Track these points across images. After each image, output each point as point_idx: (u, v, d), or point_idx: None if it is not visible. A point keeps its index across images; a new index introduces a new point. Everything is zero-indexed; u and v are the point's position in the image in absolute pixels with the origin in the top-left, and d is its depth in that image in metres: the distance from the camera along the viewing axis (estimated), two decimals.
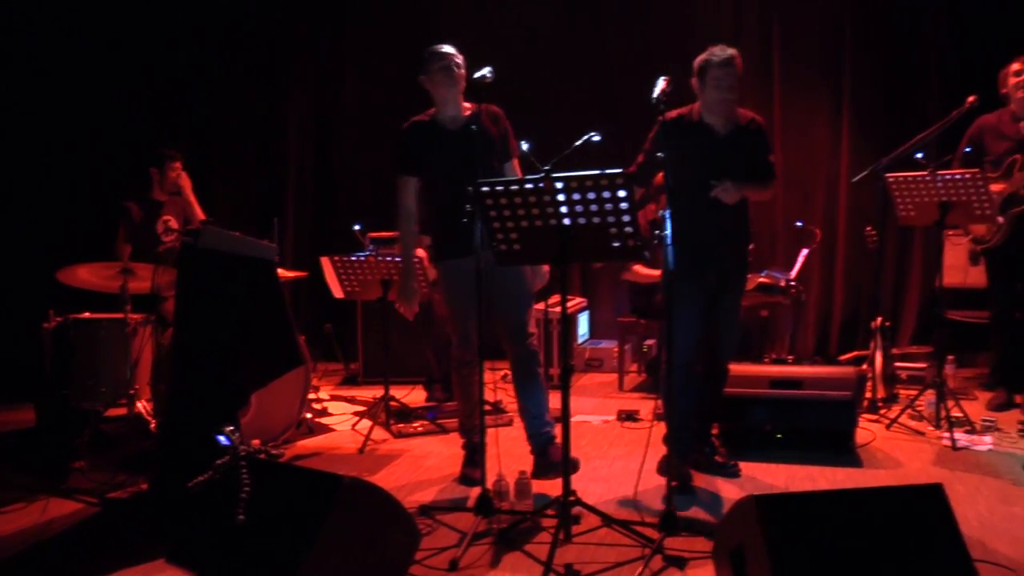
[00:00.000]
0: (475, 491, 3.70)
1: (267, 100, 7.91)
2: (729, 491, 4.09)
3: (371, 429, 5.08)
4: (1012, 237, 5.36)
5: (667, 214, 3.34)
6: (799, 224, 6.48)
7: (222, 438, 3.29)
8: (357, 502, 2.96)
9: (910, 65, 7.00)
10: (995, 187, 5.23)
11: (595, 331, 7.56)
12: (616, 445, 4.98)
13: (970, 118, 5.38)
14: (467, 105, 4.28)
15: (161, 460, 3.95)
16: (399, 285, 4.48)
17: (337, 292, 5.61)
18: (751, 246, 4.37)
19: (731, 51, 4.04)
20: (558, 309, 4.14)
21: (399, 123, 4.58)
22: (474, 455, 4.29)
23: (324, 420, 5.64)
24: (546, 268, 4.43)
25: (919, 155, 5.16)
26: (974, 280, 6.08)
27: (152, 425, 4.77)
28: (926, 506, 2.82)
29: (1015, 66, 5.32)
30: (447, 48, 4.21)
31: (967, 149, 5.39)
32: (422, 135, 4.26)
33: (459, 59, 4.20)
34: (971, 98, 5.18)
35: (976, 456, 4.60)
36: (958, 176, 4.81)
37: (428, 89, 4.24)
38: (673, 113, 4.07)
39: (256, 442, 4.12)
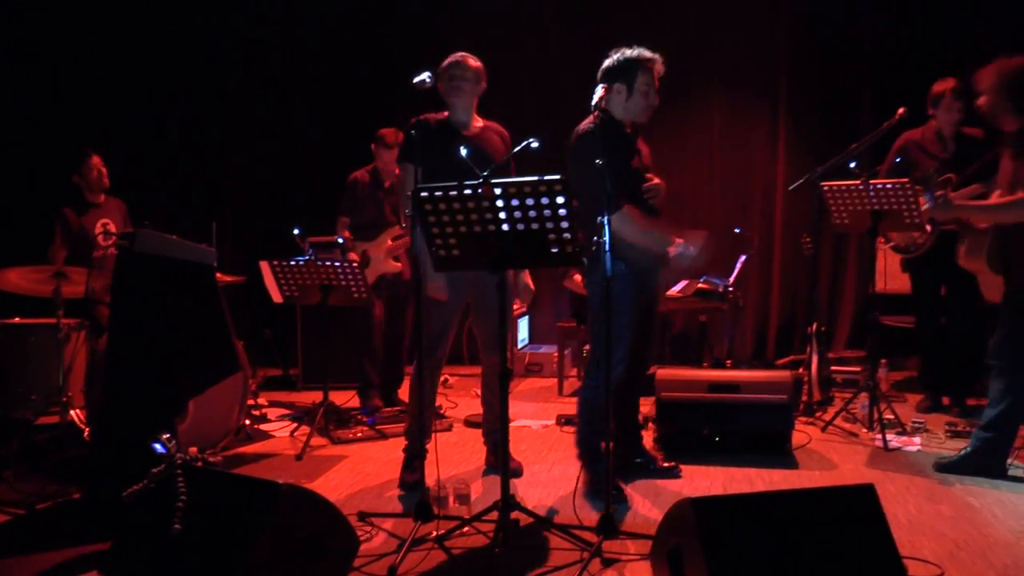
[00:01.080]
0: (415, 497, 3.70)
1: (206, 103, 7.81)
2: (668, 494, 4.13)
3: (310, 435, 5.04)
4: (935, 245, 5.50)
5: (605, 220, 3.36)
6: (737, 231, 6.58)
7: (158, 446, 3.23)
8: (295, 509, 2.93)
9: (844, 78, 7.16)
10: (924, 203, 5.32)
11: (535, 336, 7.59)
12: (555, 449, 5.00)
13: (901, 129, 5.51)
14: (478, 119, 4.38)
15: (94, 469, 3.86)
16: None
17: (276, 297, 5.55)
18: None
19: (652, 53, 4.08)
20: None
21: (340, 128, 4.59)
22: (413, 460, 4.28)
23: (263, 426, 5.58)
24: (531, 286, 4.49)
25: (852, 165, 5.28)
26: (905, 286, 6.22)
27: (85, 433, 4.67)
28: (858, 506, 2.89)
29: (943, 88, 5.42)
30: (461, 58, 4.29)
31: (897, 160, 5.52)
32: (426, 131, 4.26)
33: (471, 69, 4.28)
34: (901, 110, 5.32)
35: (906, 456, 4.72)
36: (888, 185, 4.93)
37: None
38: (588, 129, 3.97)
39: (193, 450, 4.02)
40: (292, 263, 5.26)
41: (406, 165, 4.31)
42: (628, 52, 4.07)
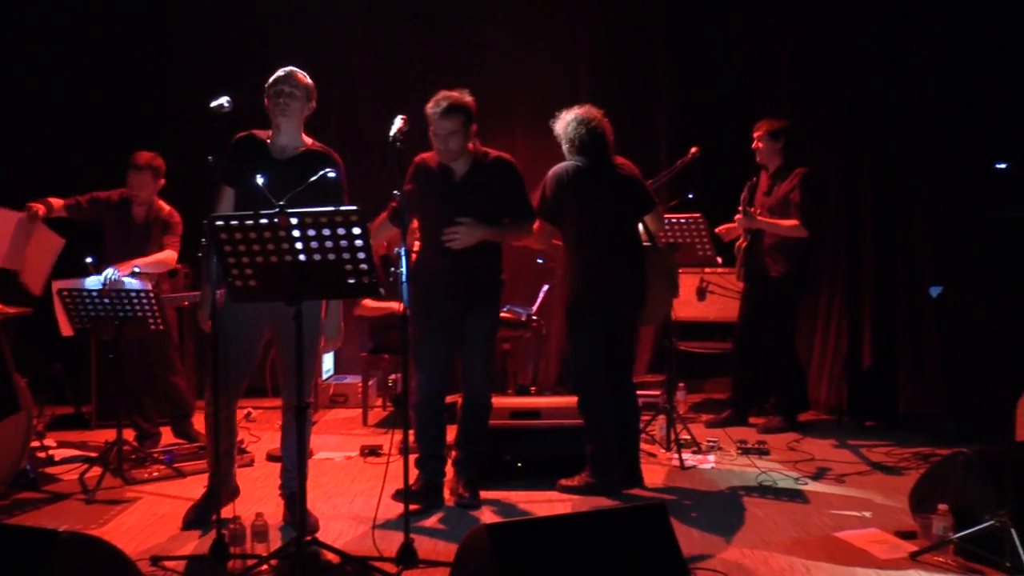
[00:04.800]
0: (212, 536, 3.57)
1: None
2: (469, 520, 4.18)
3: (102, 476, 4.76)
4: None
5: (402, 251, 3.40)
6: (540, 261, 6.73)
7: None
8: (76, 559, 2.75)
9: (642, 116, 7.46)
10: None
11: (340, 367, 7.48)
12: (358, 481, 4.95)
13: (693, 165, 5.78)
14: (308, 140, 4.09)
15: None
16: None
17: (66, 329, 5.25)
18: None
19: (449, 100, 4.14)
20: None
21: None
22: (210, 499, 4.12)
23: (49, 469, 5.22)
24: (341, 327, 4.21)
25: None
26: (701, 314, 6.57)
27: None
28: (649, 524, 3.02)
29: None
30: (289, 71, 4.01)
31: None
32: (249, 150, 4.03)
33: (301, 86, 3.99)
34: (693, 149, 5.61)
35: (701, 474, 4.99)
36: (683, 219, 5.25)
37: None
38: (418, 158, 4.23)
39: None
40: (84, 293, 4.99)
41: (221, 187, 4.04)
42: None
